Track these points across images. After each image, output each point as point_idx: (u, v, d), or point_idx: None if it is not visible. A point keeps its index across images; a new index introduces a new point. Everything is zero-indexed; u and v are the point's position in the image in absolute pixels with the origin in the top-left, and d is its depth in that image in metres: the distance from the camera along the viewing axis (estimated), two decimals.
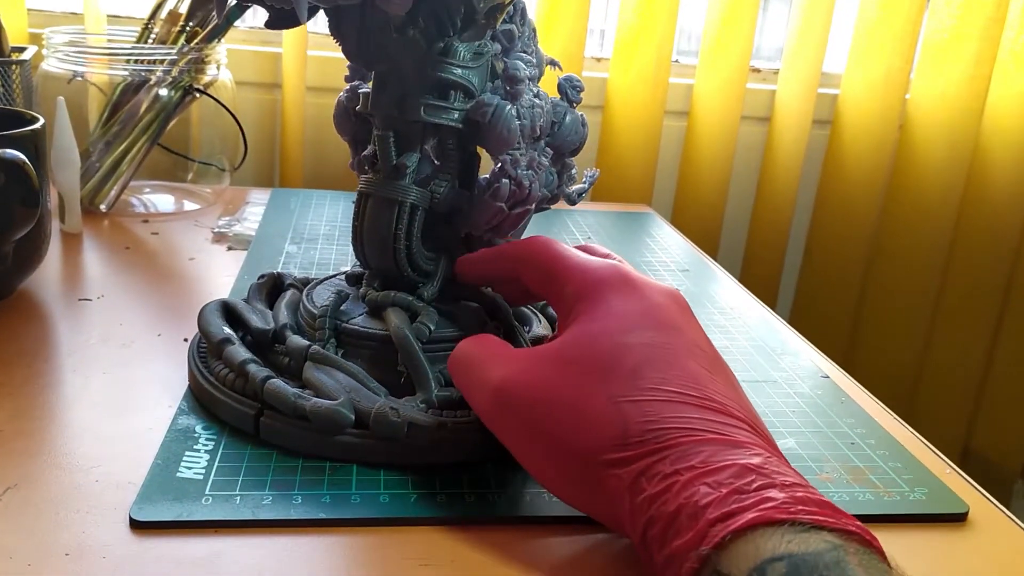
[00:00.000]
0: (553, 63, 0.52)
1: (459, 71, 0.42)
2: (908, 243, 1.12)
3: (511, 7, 0.45)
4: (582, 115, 0.50)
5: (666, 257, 0.77)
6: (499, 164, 0.44)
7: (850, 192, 1.10)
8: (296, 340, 0.44)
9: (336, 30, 0.42)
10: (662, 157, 1.08)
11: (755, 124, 1.11)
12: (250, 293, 0.51)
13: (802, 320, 1.15)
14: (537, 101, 0.45)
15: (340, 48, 0.43)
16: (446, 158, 0.45)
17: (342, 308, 0.46)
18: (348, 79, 0.49)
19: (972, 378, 1.18)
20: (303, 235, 0.73)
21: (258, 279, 0.52)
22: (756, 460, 0.30)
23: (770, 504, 0.28)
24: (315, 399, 0.40)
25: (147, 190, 0.82)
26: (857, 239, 1.11)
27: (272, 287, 0.52)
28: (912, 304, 1.13)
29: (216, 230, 0.73)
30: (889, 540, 0.39)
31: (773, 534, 0.27)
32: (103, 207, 0.75)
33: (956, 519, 0.41)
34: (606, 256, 0.43)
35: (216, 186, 0.84)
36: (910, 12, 1.03)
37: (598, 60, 1.10)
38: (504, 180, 0.43)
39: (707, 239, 1.08)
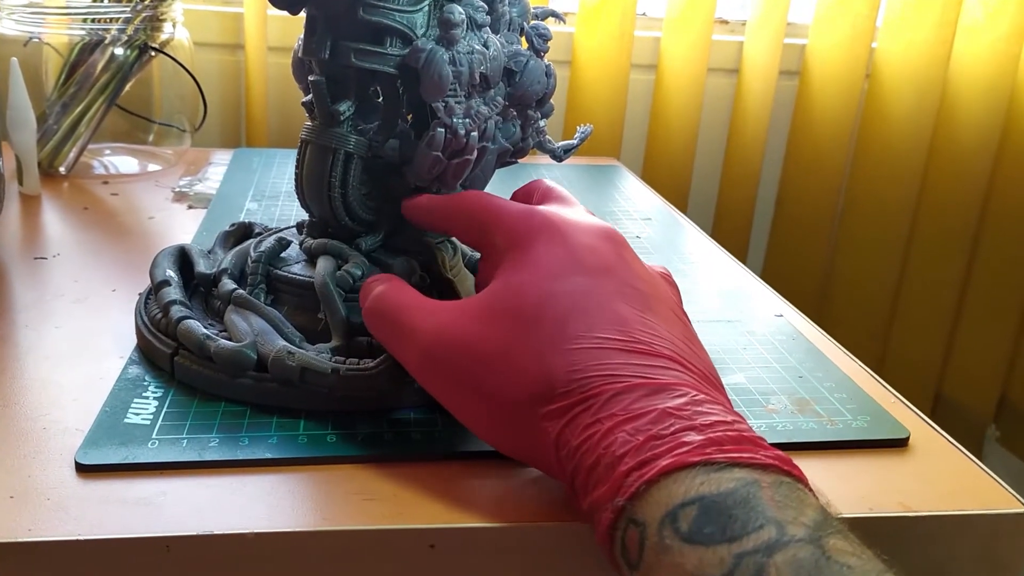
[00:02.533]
0: (555, 15, 0.52)
1: (396, 15, 0.42)
2: (878, 192, 1.12)
3: None
4: (548, 64, 0.50)
5: (630, 207, 0.77)
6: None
7: (819, 142, 1.10)
8: (226, 283, 0.44)
9: None
10: (630, 112, 1.08)
11: (723, 76, 1.10)
12: (216, 241, 0.51)
13: (773, 272, 1.16)
14: (478, 47, 0.44)
15: None
16: (388, 106, 0.44)
17: (283, 255, 0.46)
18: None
19: (943, 325, 1.19)
20: (264, 192, 0.73)
21: (228, 227, 0.52)
22: (678, 402, 0.30)
23: (685, 448, 0.29)
24: (222, 340, 0.41)
25: (107, 152, 0.82)
26: (827, 189, 1.11)
27: (241, 236, 0.52)
28: (883, 251, 1.14)
29: (177, 189, 0.73)
30: (830, 467, 0.40)
31: (685, 478, 0.28)
32: (62, 169, 0.74)
33: (897, 444, 0.41)
34: (547, 192, 0.43)
35: (178, 147, 0.83)
36: None
37: (564, 15, 1.09)
38: (439, 129, 0.43)
39: (677, 193, 1.08)
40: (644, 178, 1.07)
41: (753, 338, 0.51)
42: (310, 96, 0.46)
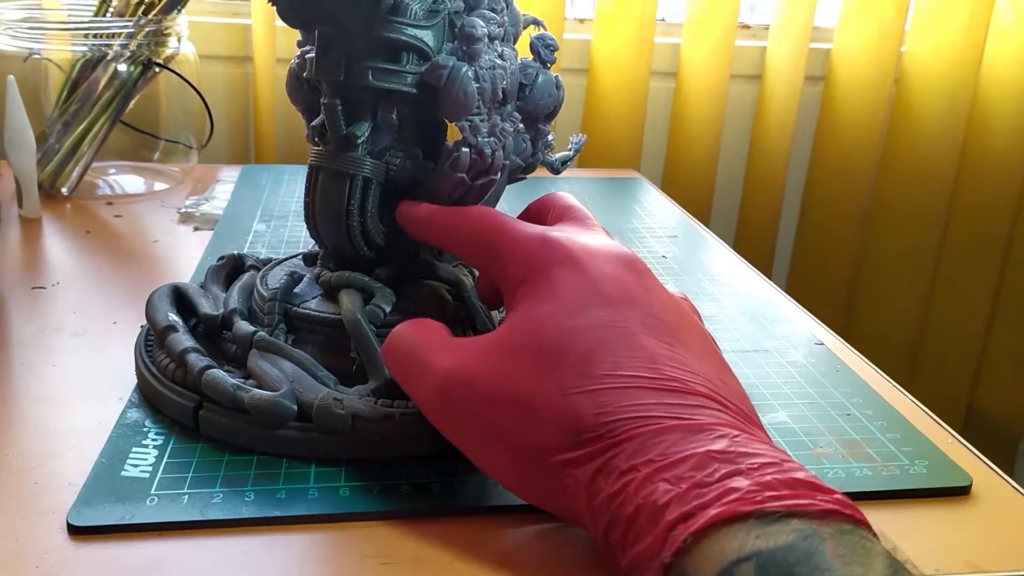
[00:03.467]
0: (536, 22, 0.49)
1: (411, 31, 0.39)
2: (906, 200, 1.08)
3: None
4: (556, 76, 0.47)
5: (654, 223, 0.74)
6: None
7: (846, 150, 1.06)
8: (243, 326, 0.41)
9: None
10: (650, 120, 1.05)
11: (746, 83, 1.07)
12: (207, 276, 0.48)
13: (799, 284, 1.13)
14: (499, 62, 0.42)
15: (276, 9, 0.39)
16: (403, 127, 0.41)
17: (296, 291, 0.43)
18: (300, 44, 0.45)
19: (974, 337, 1.15)
20: (273, 212, 0.70)
21: (217, 261, 0.50)
22: (720, 444, 0.27)
23: (734, 496, 0.26)
24: (255, 390, 0.37)
25: (112, 171, 0.79)
26: (854, 198, 1.08)
27: (232, 269, 0.49)
28: (912, 262, 1.11)
29: (182, 210, 0.70)
30: (889, 518, 0.36)
31: (739, 531, 0.25)
32: (65, 190, 0.72)
33: (959, 492, 0.38)
34: (564, 211, 0.40)
35: (184, 164, 0.81)
36: None
37: (581, 22, 1.06)
38: (464, 149, 0.40)
39: (699, 203, 1.04)
40: (665, 188, 1.04)
41: (794, 369, 0.48)
42: (319, 119, 0.43)
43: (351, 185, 0.41)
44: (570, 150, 0.52)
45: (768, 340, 0.52)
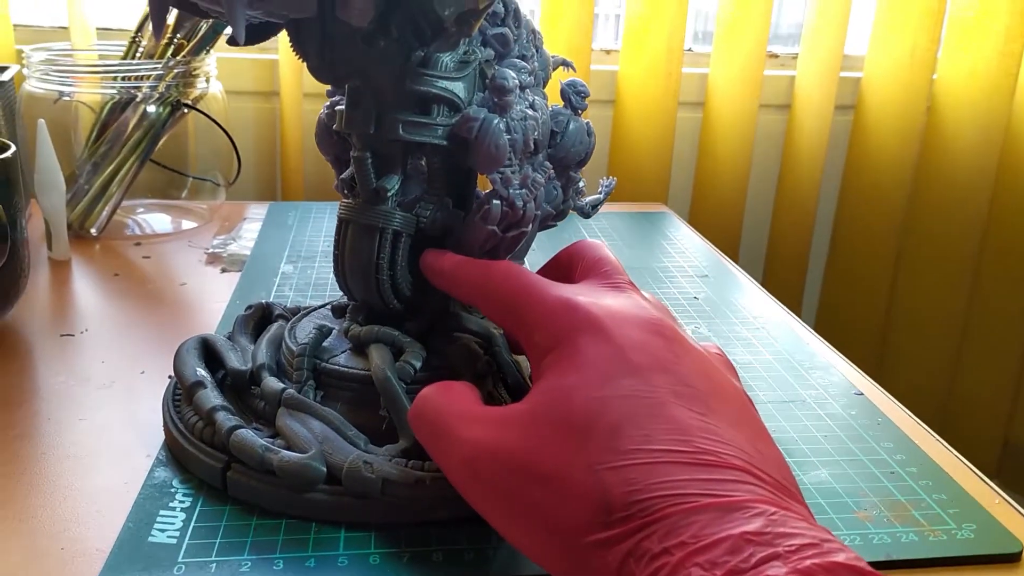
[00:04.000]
0: (566, 64, 0.48)
1: (442, 83, 0.39)
2: (939, 232, 1.06)
3: (494, 9, 0.41)
4: (587, 123, 0.46)
5: (684, 261, 0.73)
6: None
7: (877, 180, 1.05)
8: (271, 383, 0.40)
9: (297, 44, 0.38)
10: (677, 151, 1.04)
11: (774, 112, 1.06)
12: (235, 327, 0.48)
13: (829, 318, 1.11)
14: (531, 112, 0.41)
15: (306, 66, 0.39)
16: (432, 178, 0.41)
17: (325, 344, 0.42)
18: (329, 94, 0.45)
19: (1011, 369, 1.13)
20: (300, 253, 0.70)
21: (244, 310, 0.49)
22: (756, 524, 0.26)
23: None
24: (284, 452, 0.37)
25: (140, 210, 0.79)
26: (885, 230, 1.06)
27: (260, 319, 0.49)
28: (945, 295, 1.08)
29: (210, 251, 0.70)
30: None
31: None
32: (94, 231, 0.72)
33: (1009, 559, 0.37)
34: (593, 265, 0.39)
35: (212, 202, 0.81)
36: None
37: (607, 52, 1.06)
38: (495, 201, 0.39)
39: (727, 235, 1.03)
40: (692, 221, 1.03)
41: (833, 423, 0.47)
42: (348, 172, 0.43)
43: (380, 238, 0.40)
44: (600, 193, 0.51)
45: (805, 390, 0.50)
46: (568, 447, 0.30)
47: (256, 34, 0.38)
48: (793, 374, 0.52)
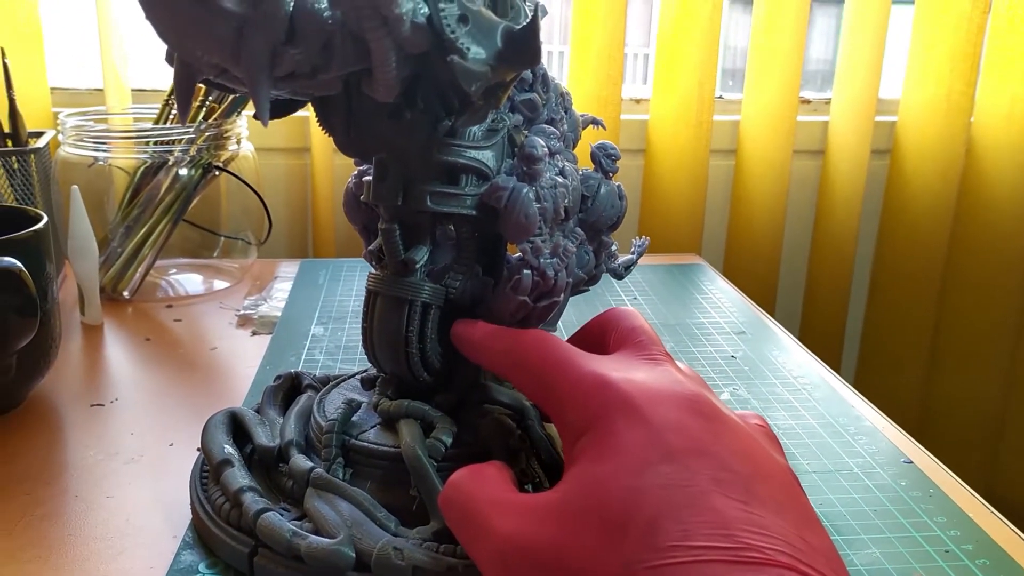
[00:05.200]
0: (596, 122, 0.48)
1: (469, 152, 0.38)
2: (982, 278, 1.04)
3: (522, 78, 0.41)
4: (619, 186, 0.46)
5: (720, 317, 0.71)
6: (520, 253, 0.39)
7: (916, 225, 1.03)
8: (298, 461, 0.39)
9: (323, 120, 0.37)
10: (710, 199, 1.03)
11: (808, 158, 1.05)
12: (264, 398, 0.47)
13: (869, 369, 1.08)
14: (560, 180, 0.40)
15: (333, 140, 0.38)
16: (462, 247, 0.40)
17: (354, 419, 0.41)
18: (357, 163, 0.45)
19: None
20: (331, 313, 0.69)
21: (273, 381, 0.48)
22: None
23: None
24: (312, 537, 0.36)
25: (173, 271, 0.79)
26: (926, 276, 1.04)
27: (288, 389, 0.48)
28: (990, 342, 1.05)
29: (240, 312, 0.70)
30: None
31: None
32: (126, 293, 0.72)
33: None
34: (626, 336, 0.37)
35: (244, 261, 0.81)
36: (969, 29, 0.97)
37: (637, 102, 1.05)
38: (525, 271, 0.38)
39: (763, 285, 1.01)
40: (727, 270, 1.02)
41: (882, 495, 0.45)
42: (376, 243, 0.42)
43: (410, 311, 0.39)
44: (633, 253, 0.50)
45: (852, 458, 0.48)
46: (601, 543, 0.28)
47: (280, 110, 0.38)
48: (838, 440, 0.50)
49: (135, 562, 0.39)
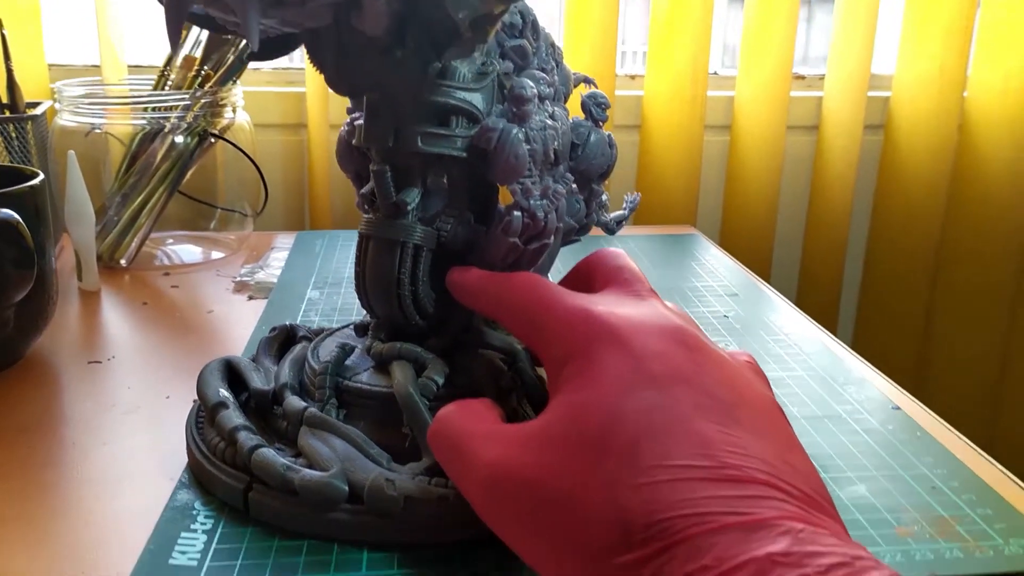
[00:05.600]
0: (587, 80, 0.48)
1: (460, 94, 0.38)
2: (976, 251, 1.04)
3: (510, 18, 0.41)
4: (609, 134, 0.46)
5: (713, 281, 0.72)
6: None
7: (910, 200, 1.03)
8: (293, 402, 0.40)
9: (314, 55, 0.38)
10: (705, 175, 1.03)
11: (802, 134, 1.05)
12: (259, 349, 0.48)
13: (866, 340, 1.09)
14: (550, 122, 0.41)
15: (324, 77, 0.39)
16: (454, 192, 0.40)
17: (347, 363, 0.42)
18: (349, 110, 0.45)
19: None
20: (327, 279, 0.70)
21: (269, 332, 0.49)
22: (782, 544, 0.24)
23: None
24: (305, 471, 0.36)
25: (170, 241, 0.80)
26: (920, 250, 1.04)
27: (284, 340, 0.49)
28: (985, 313, 1.06)
29: (238, 279, 0.71)
30: None
31: None
32: (123, 262, 0.73)
33: None
34: (613, 274, 0.37)
35: (240, 232, 0.81)
36: (962, 2, 0.97)
37: (632, 78, 1.06)
38: (515, 213, 0.39)
39: (758, 258, 1.02)
40: (723, 244, 1.02)
41: (870, 438, 0.45)
42: (368, 187, 0.42)
43: (401, 253, 0.40)
44: (625, 209, 0.50)
45: (840, 405, 0.49)
46: (584, 466, 0.28)
47: (274, 48, 0.38)
48: (827, 389, 0.51)
49: (132, 502, 0.40)
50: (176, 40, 0.33)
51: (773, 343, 0.58)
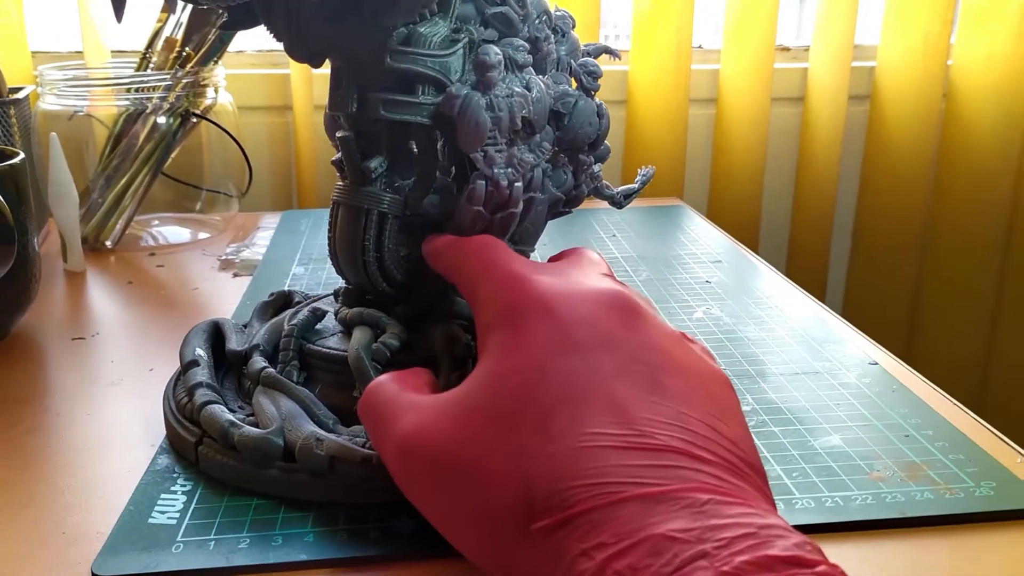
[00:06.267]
0: (610, 51, 0.48)
1: (427, 61, 0.38)
2: (964, 218, 1.05)
3: None
4: (600, 103, 0.45)
5: (697, 250, 0.72)
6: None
7: (897, 169, 1.03)
8: (256, 362, 0.41)
9: (268, 22, 0.38)
10: (691, 148, 1.03)
11: (788, 105, 1.05)
12: (254, 313, 0.48)
13: (854, 310, 1.09)
14: (519, 90, 0.40)
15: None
16: (425, 159, 0.40)
17: (318, 327, 0.42)
18: None
19: None
20: (312, 256, 0.70)
21: (267, 297, 0.49)
22: (682, 519, 0.23)
23: None
24: (246, 427, 0.37)
25: (155, 223, 0.80)
26: (908, 218, 1.04)
27: (281, 306, 0.49)
28: (974, 281, 1.06)
29: (223, 257, 0.71)
30: (955, 544, 0.34)
31: None
32: (109, 243, 0.73)
33: None
34: (568, 252, 0.37)
35: (226, 213, 0.81)
36: None
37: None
38: (479, 181, 0.39)
39: (746, 230, 1.02)
40: (710, 216, 1.02)
41: (846, 391, 0.46)
42: (340, 154, 0.42)
43: (367, 220, 0.40)
44: (637, 183, 0.50)
45: (819, 362, 0.49)
46: (497, 434, 0.27)
47: (240, 20, 0.39)
48: (807, 348, 0.51)
49: (113, 466, 0.40)
50: (120, 10, 0.33)
51: (755, 306, 0.59)
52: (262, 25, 0.40)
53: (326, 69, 0.40)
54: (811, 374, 0.48)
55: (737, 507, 0.24)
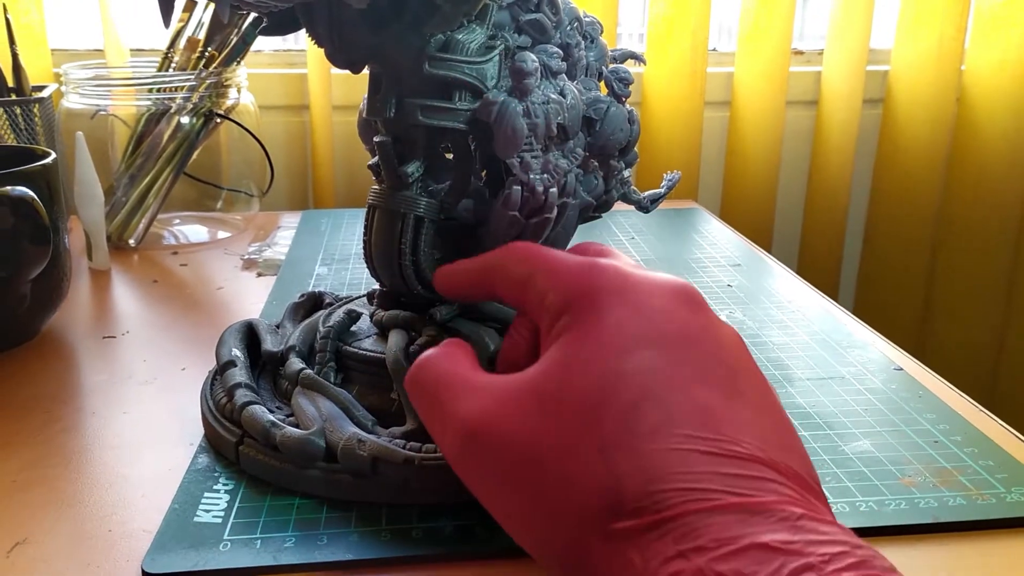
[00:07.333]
0: (636, 57, 0.48)
1: (464, 67, 0.39)
2: (975, 222, 1.05)
3: None
4: (631, 110, 0.46)
5: (715, 253, 0.72)
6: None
7: (909, 173, 1.04)
8: (293, 363, 0.41)
9: (310, 29, 0.38)
10: (706, 150, 1.04)
11: (802, 108, 1.05)
12: (285, 313, 0.49)
13: (867, 312, 1.10)
14: (554, 96, 0.41)
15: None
16: (462, 164, 0.41)
17: (353, 329, 0.43)
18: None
19: None
20: (334, 256, 0.71)
21: (298, 298, 0.50)
22: (783, 531, 0.23)
23: None
24: (288, 428, 0.37)
25: (177, 222, 0.81)
26: (920, 222, 1.05)
27: (311, 307, 0.50)
28: (984, 285, 1.07)
29: (246, 257, 0.71)
30: (988, 550, 0.34)
31: None
32: (132, 242, 0.73)
33: None
34: (601, 253, 0.36)
35: (246, 212, 0.82)
36: None
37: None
38: (515, 187, 0.39)
39: (760, 232, 1.03)
40: (724, 219, 1.03)
41: (874, 396, 0.46)
42: (376, 158, 0.43)
43: (403, 223, 0.40)
44: (663, 188, 0.50)
45: (844, 367, 0.50)
46: (576, 425, 0.26)
47: (282, 24, 0.39)
48: (831, 352, 0.52)
49: (153, 466, 0.41)
50: (168, 15, 0.34)
51: (777, 310, 0.59)
52: (303, 30, 0.40)
53: (345, 70, 0.41)
54: (837, 379, 0.48)
55: (828, 524, 0.24)
